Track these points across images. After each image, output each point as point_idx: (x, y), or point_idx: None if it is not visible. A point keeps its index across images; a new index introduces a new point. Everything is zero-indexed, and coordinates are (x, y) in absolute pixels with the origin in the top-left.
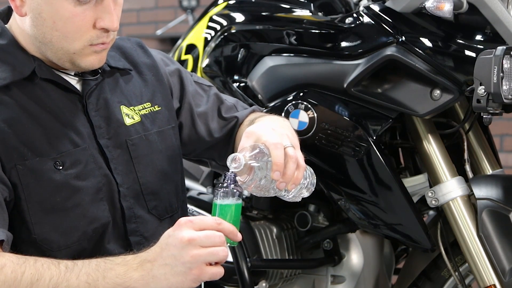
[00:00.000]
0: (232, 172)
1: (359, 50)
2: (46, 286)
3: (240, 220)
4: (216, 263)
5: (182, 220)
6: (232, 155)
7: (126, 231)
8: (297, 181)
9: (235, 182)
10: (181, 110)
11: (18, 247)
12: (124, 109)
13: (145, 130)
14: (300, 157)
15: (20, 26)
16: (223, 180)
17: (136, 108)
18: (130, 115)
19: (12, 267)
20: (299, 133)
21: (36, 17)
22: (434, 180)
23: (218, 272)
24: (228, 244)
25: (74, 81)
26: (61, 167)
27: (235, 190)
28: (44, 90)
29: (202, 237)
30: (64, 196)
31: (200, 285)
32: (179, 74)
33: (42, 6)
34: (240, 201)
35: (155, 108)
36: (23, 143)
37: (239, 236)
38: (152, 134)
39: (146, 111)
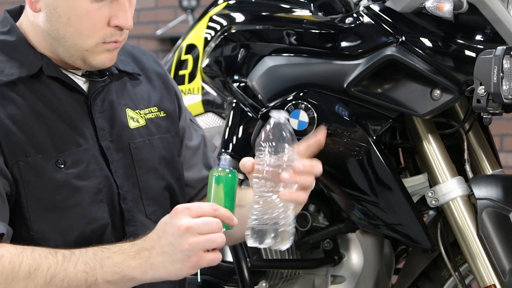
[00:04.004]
0: (226, 156)
1: (359, 50)
2: (44, 276)
3: (236, 194)
4: (214, 249)
5: (179, 207)
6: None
7: (125, 234)
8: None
9: (230, 167)
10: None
11: (16, 244)
12: (130, 112)
13: (149, 134)
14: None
15: (32, 22)
16: (218, 163)
17: (142, 111)
18: (135, 119)
19: (10, 258)
20: (299, 133)
21: (51, 12)
22: (434, 180)
23: (216, 258)
24: (224, 230)
25: (81, 82)
26: (62, 166)
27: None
28: (50, 88)
29: (199, 224)
30: (64, 195)
31: (196, 272)
32: (180, 99)
33: (57, 1)
34: (236, 173)
35: (160, 114)
36: (26, 140)
37: (235, 221)
38: (156, 139)
39: (152, 115)
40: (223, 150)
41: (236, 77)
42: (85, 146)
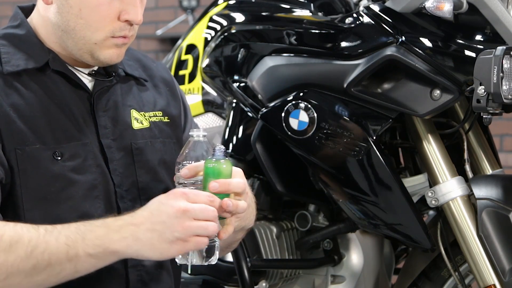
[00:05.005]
0: (221, 146)
1: (359, 50)
2: (24, 248)
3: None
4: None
5: (177, 190)
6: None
7: None
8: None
9: (224, 157)
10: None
11: None
12: (134, 113)
13: (152, 136)
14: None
15: (43, 16)
16: (213, 153)
17: (146, 114)
18: (139, 120)
19: None
20: (299, 133)
21: (62, 4)
22: (434, 180)
23: (202, 242)
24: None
25: (86, 81)
26: (59, 158)
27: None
28: (55, 83)
29: (196, 209)
30: (58, 187)
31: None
32: (186, 108)
33: None
34: (231, 163)
35: (165, 119)
36: (26, 129)
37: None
38: (158, 142)
39: (157, 119)
40: None
41: (236, 77)
42: (84, 141)
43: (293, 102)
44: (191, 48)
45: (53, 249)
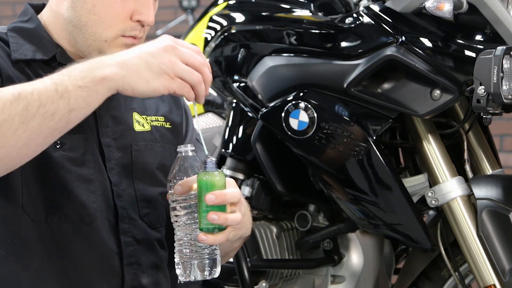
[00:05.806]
0: (212, 158)
1: (359, 50)
2: (11, 91)
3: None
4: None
5: (167, 36)
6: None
7: (118, 230)
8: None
9: (217, 168)
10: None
11: (3, 210)
12: (136, 116)
13: (152, 140)
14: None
15: (55, 11)
16: (205, 166)
17: (148, 118)
18: (141, 123)
19: None
20: (299, 133)
21: None
22: (434, 180)
23: (185, 88)
24: (217, 230)
25: None
26: (59, 146)
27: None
28: None
29: (185, 51)
30: (55, 174)
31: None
32: (188, 117)
33: None
34: (224, 174)
35: (166, 124)
36: None
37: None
38: (158, 146)
39: (158, 123)
40: (223, 150)
41: (236, 77)
42: (84, 135)
43: (293, 102)
44: None
45: (41, 89)
